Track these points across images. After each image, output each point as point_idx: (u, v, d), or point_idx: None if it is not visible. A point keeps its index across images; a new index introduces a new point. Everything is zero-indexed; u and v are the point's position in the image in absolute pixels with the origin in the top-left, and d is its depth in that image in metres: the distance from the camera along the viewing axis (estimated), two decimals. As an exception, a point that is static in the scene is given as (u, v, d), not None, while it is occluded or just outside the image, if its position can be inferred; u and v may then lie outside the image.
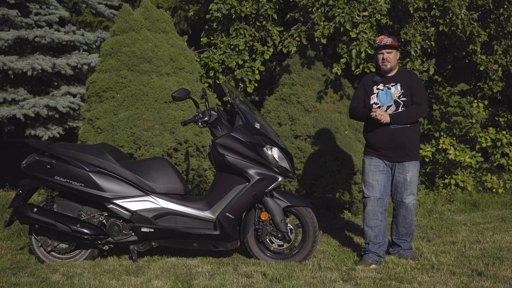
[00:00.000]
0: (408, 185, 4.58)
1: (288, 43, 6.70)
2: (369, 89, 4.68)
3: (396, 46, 4.61)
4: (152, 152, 5.71)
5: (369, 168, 4.62)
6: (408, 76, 4.68)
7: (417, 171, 4.62)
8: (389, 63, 4.60)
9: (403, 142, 4.53)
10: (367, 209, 4.60)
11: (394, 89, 4.58)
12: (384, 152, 4.57)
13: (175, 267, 4.43)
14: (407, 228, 4.67)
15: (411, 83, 4.60)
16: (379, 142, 4.58)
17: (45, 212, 4.57)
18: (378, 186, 4.58)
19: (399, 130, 4.52)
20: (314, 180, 6.46)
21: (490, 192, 7.52)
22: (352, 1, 6.31)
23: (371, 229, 4.58)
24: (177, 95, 4.55)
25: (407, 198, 4.61)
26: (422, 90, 4.65)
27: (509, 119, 7.83)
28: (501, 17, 7.07)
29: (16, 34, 7.65)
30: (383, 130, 4.54)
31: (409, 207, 4.62)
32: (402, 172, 4.58)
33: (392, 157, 4.57)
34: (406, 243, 4.71)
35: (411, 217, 4.65)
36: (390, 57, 4.60)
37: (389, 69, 4.63)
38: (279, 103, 6.79)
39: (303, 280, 4.02)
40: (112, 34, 6.31)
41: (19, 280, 4.06)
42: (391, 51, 4.60)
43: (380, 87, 4.62)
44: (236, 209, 4.52)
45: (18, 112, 7.37)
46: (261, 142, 4.53)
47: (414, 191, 4.62)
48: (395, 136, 4.53)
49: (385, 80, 4.65)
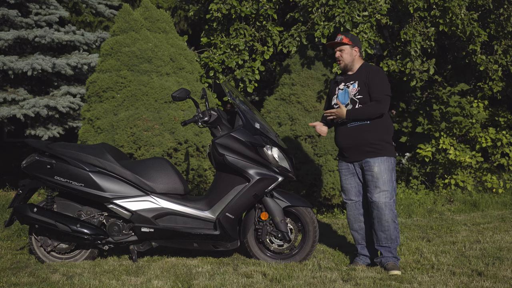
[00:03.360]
0: (376, 182, 4.30)
1: (288, 43, 6.70)
2: (332, 90, 4.62)
3: (346, 42, 4.44)
4: (152, 152, 5.71)
5: (341, 173, 4.57)
6: (366, 72, 4.43)
7: (387, 167, 4.32)
8: (342, 61, 4.50)
9: (362, 139, 4.36)
10: (348, 213, 4.58)
11: (352, 87, 4.45)
12: (346, 152, 4.48)
13: (175, 267, 4.44)
14: (385, 232, 4.31)
15: (368, 80, 4.38)
16: (340, 142, 4.51)
17: (45, 212, 4.57)
18: (351, 189, 4.51)
19: (357, 128, 4.39)
20: (314, 180, 6.46)
21: (490, 192, 7.52)
22: (352, 1, 6.31)
23: (357, 232, 4.55)
24: (177, 95, 4.55)
25: (376, 195, 4.30)
26: (379, 86, 4.37)
27: (509, 119, 7.83)
28: (501, 17, 7.07)
29: (16, 34, 7.65)
30: (342, 129, 4.47)
31: (380, 206, 4.29)
32: (368, 169, 4.36)
33: (352, 157, 4.44)
34: (387, 249, 4.33)
35: (386, 218, 4.28)
36: (342, 55, 4.48)
37: (343, 67, 4.53)
38: (279, 103, 6.79)
39: (303, 280, 4.02)
40: (112, 34, 6.31)
41: (19, 280, 4.06)
42: (342, 49, 4.47)
43: (341, 86, 4.53)
44: (236, 209, 4.52)
45: (18, 112, 7.37)
46: (261, 142, 4.53)
47: (384, 188, 4.29)
48: (352, 135, 4.40)
49: (346, 79, 4.54)
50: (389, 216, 4.30)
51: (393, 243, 4.33)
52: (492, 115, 7.94)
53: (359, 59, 4.55)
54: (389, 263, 4.26)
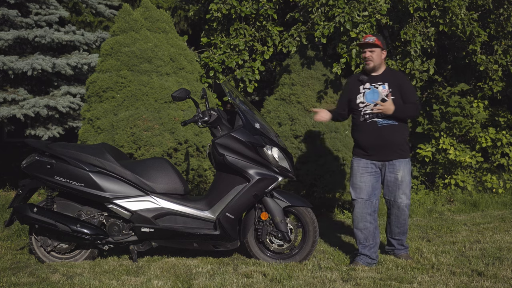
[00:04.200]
0: (400, 185, 4.51)
1: (288, 43, 6.70)
2: (355, 89, 4.62)
3: (379, 45, 4.53)
4: (152, 152, 5.71)
5: (357, 170, 4.55)
6: (396, 76, 4.63)
7: (409, 169, 4.55)
8: (371, 61, 4.55)
9: (391, 139, 4.47)
10: (355, 211, 4.56)
11: (382, 88, 4.52)
12: (372, 151, 4.50)
13: (175, 267, 4.44)
14: (400, 228, 4.64)
15: (400, 82, 4.55)
16: (367, 141, 4.51)
17: (45, 212, 4.57)
18: (365, 187, 4.51)
19: (387, 127, 4.46)
20: (314, 180, 6.46)
21: (490, 192, 7.52)
22: (352, 1, 6.31)
23: (361, 232, 4.55)
24: (177, 95, 4.55)
25: (399, 198, 4.54)
26: (413, 90, 4.66)
27: (509, 119, 7.83)
28: (501, 17, 7.07)
29: (16, 34, 7.65)
30: (370, 128, 4.48)
31: (401, 207, 4.56)
32: (392, 171, 4.51)
33: (381, 156, 4.50)
34: (400, 241, 4.69)
35: (404, 217, 4.60)
36: (372, 56, 4.54)
37: (372, 68, 4.58)
38: (279, 103, 6.79)
39: (303, 280, 4.02)
40: (112, 34, 6.31)
41: (19, 280, 4.06)
42: (373, 50, 4.54)
43: (367, 86, 4.57)
44: (236, 209, 4.52)
45: (18, 112, 7.37)
46: (261, 142, 4.53)
47: (407, 191, 4.54)
48: (382, 134, 4.46)
49: (371, 79, 4.59)
50: (407, 215, 4.63)
51: (404, 235, 4.70)
52: (492, 115, 7.93)
53: (384, 62, 4.69)
54: (402, 255, 4.65)
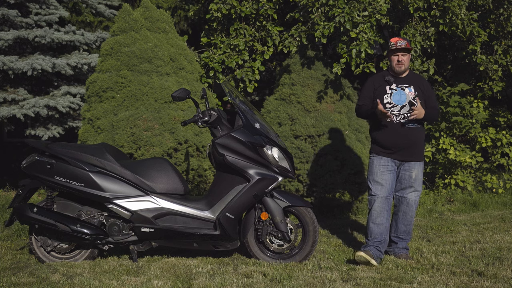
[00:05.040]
0: (413, 182, 4.70)
1: (288, 43, 6.70)
2: (381, 89, 4.73)
3: (410, 49, 4.71)
4: (152, 152, 5.71)
5: (378, 168, 4.68)
6: (420, 79, 4.82)
7: (422, 169, 4.74)
8: (403, 65, 4.70)
9: (415, 142, 4.66)
10: (375, 206, 4.65)
11: (408, 91, 4.66)
12: (396, 150, 4.65)
13: (175, 267, 4.44)
14: (407, 226, 4.75)
15: (425, 87, 4.74)
16: (392, 141, 4.65)
17: (45, 212, 4.57)
18: (386, 185, 4.66)
19: (413, 130, 4.64)
20: (314, 180, 6.46)
21: (490, 192, 7.51)
22: (352, 1, 6.31)
23: (377, 226, 4.63)
24: (177, 95, 4.55)
25: (409, 194, 4.71)
26: (434, 94, 4.88)
27: (509, 119, 7.83)
28: (501, 17, 7.07)
29: (16, 34, 7.65)
30: (397, 129, 4.63)
31: (410, 203, 4.71)
32: (408, 170, 4.69)
33: (403, 157, 4.67)
34: (403, 241, 4.77)
35: (411, 214, 4.74)
36: (404, 59, 4.69)
37: (403, 71, 4.73)
38: (279, 103, 6.79)
39: (303, 280, 4.02)
40: (112, 34, 6.31)
41: (19, 280, 4.06)
42: (406, 54, 4.69)
43: (393, 87, 4.69)
44: (236, 209, 4.52)
45: (18, 112, 7.37)
46: (261, 142, 4.53)
47: (419, 188, 4.73)
48: (409, 136, 4.63)
49: (397, 80, 4.72)
50: (414, 212, 4.76)
51: (408, 236, 4.80)
52: (492, 115, 7.94)
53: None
54: (402, 254, 4.70)
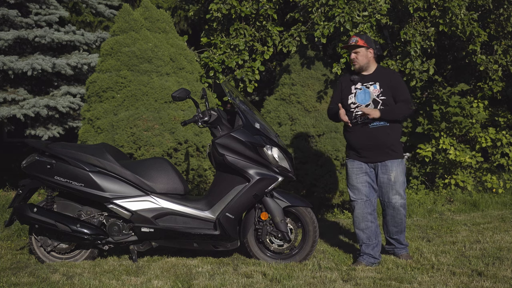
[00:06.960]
0: (393, 185, 4.51)
1: (288, 43, 6.70)
2: (347, 89, 4.62)
3: (361, 45, 4.53)
4: (152, 152, 5.71)
5: (352, 171, 4.57)
6: (388, 75, 4.60)
7: (402, 169, 4.54)
8: (357, 63, 4.57)
9: (382, 141, 4.47)
10: (356, 212, 4.56)
11: (373, 88, 4.52)
12: (364, 152, 4.51)
13: (175, 267, 4.44)
14: (397, 227, 4.62)
15: (392, 83, 4.53)
16: (359, 142, 4.52)
17: (45, 212, 4.57)
18: (363, 188, 4.53)
19: (379, 129, 4.46)
20: (314, 180, 6.46)
21: (490, 192, 7.52)
22: (352, 1, 6.31)
23: (362, 232, 4.55)
24: (177, 95, 4.55)
25: (393, 198, 4.53)
26: (405, 88, 4.58)
27: (509, 119, 7.83)
28: (501, 17, 7.07)
29: (16, 34, 7.65)
30: (362, 129, 4.48)
31: (396, 207, 4.55)
32: (385, 172, 4.51)
33: (373, 158, 4.51)
34: (398, 240, 4.67)
35: (400, 216, 4.58)
36: (357, 57, 4.55)
37: (358, 68, 4.59)
38: (279, 103, 6.79)
39: (303, 280, 4.02)
40: (112, 34, 6.31)
41: (19, 280, 4.06)
42: (357, 51, 4.54)
43: (358, 86, 4.57)
44: (236, 209, 4.52)
45: (18, 112, 7.37)
46: (261, 142, 4.53)
47: (400, 191, 4.53)
48: (374, 135, 4.46)
49: (362, 79, 4.59)
50: (403, 214, 4.60)
51: (402, 234, 4.68)
52: (492, 115, 7.94)
53: (374, 60, 4.65)
54: (402, 254, 4.64)
